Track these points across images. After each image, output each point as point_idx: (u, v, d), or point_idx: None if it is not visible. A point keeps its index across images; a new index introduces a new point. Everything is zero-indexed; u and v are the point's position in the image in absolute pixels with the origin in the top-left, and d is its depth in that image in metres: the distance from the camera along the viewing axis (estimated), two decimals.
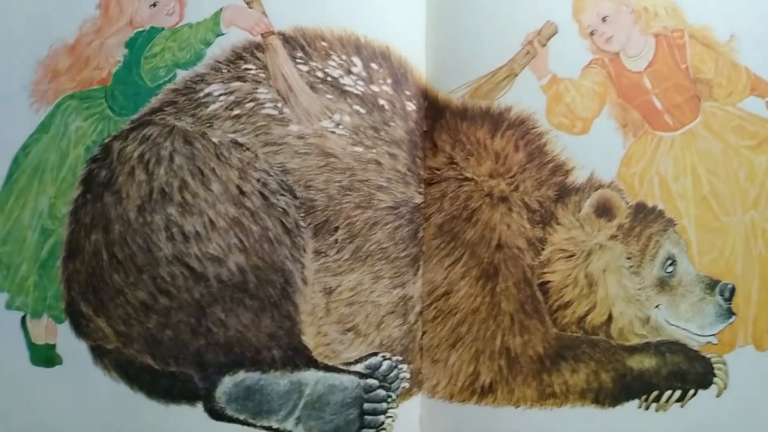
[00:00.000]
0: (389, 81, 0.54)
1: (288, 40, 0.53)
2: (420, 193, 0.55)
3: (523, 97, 0.54)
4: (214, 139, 0.53)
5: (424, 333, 0.55)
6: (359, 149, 0.53)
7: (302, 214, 0.52)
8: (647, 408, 0.54)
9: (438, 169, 0.55)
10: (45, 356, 0.54)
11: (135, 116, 0.53)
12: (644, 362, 0.55)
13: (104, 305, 0.53)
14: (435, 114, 0.55)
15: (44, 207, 0.54)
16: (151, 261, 0.52)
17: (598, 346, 0.54)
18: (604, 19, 0.54)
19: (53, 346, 0.54)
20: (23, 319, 0.54)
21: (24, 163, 0.54)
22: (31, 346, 0.54)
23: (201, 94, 0.53)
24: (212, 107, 0.53)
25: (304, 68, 0.53)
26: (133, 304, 0.53)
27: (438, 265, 0.55)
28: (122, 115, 0.53)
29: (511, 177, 0.54)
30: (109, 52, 0.54)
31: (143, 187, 0.52)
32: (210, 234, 0.52)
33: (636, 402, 0.54)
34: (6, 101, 0.54)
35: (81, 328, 0.54)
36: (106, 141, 0.54)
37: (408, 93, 0.54)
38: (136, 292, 0.53)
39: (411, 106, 0.54)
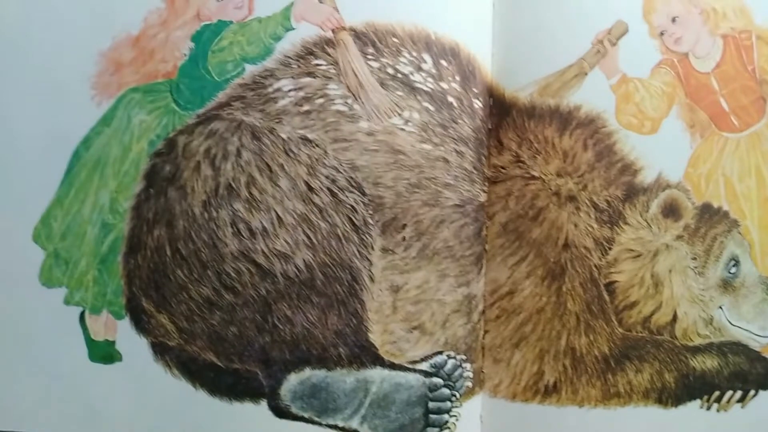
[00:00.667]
0: (458, 78, 0.53)
1: (359, 36, 0.52)
2: (484, 191, 0.54)
3: (592, 96, 0.53)
4: (283, 135, 0.52)
5: (486, 332, 0.55)
6: (427, 147, 0.53)
7: (370, 212, 0.52)
8: (708, 408, 0.54)
9: (503, 168, 0.55)
10: (104, 353, 0.53)
11: (201, 111, 0.53)
12: (706, 363, 0.55)
13: (166, 301, 0.52)
14: (501, 112, 0.54)
15: (105, 201, 0.53)
16: (217, 257, 0.52)
17: (662, 346, 0.54)
18: (673, 20, 0.54)
19: (113, 343, 0.53)
20: (82, 315, 0.54)
21: (85, 156, 0.53)
22: (90, 343, 0.54)
23: (270, 90, 0.52)
24: (281, 103, 0.52)
25: (375, 64, 0.52)
26: (196, 301, 0.52)
27: (502, 264, 0.54)
28: (188, 110, 0.53)
29: (579, 176, 0.54)
30: (175, 45, 0.53)
31: (209, 183, 0.52)
32: (277, 230, 0.51)
33: (698, 402, 0.54)
34: (67, 94, 0.53)
35: (142, 325, 0.53)
36: (170, 135, 0.53)
37: (475, 90, 0.54)
38: (201, 288, 0.52)
39: (478, 104, 0.54)
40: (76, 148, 0.53)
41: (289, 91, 0.52)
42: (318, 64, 0.52)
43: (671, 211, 0.54)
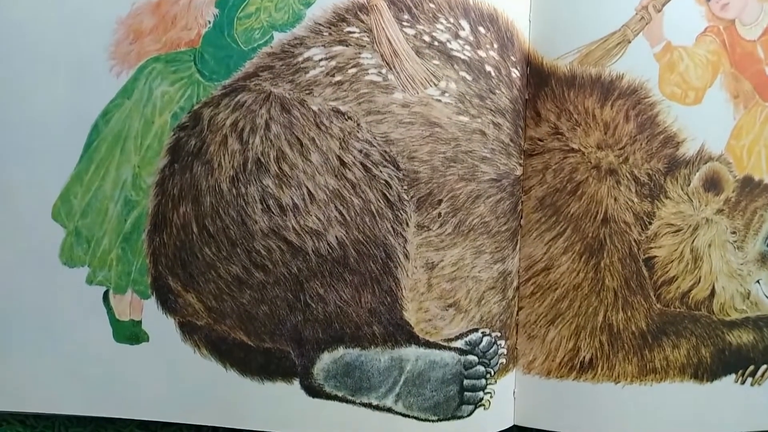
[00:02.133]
0: (496, 46, 0.51)
1: (394, 2, 0.50)
2: (520, 164, 0.53)
3: (635, 65, 0.51)
4: (314, 107, 0.50)
5: (520, 309, 0.54)
6: (464, 118, 0.51)
7: (405, 187, 0.50)
8: (743, 382, 0.54)
9: (540, 140, 0.53)
10: (130, 333, 0.52)
11: (227, 81, 0.50)
12: (742, 337, 0.54)
13: (194, 280, 0.51)
14: (538, 81, 0.53)
15: (127, 177, 0.51)
16: (246, 234, 0.50)
17: (699, 321, 0.54)
18: None
19: (139, 323, 0.52)
20: (106, 295, 0.52)
21: (104, 130, 0.51)
22: (115, 323, 0.52)
23: (300, 59, 0.50)
24: (312, 73, 0.50)
25: (411, 32, 0.50)
26: (225, 279, 0.51)
27: (538, 239, 0.53)
28: (213, 80, 0.50)
29: (620, 149, 0.52)
30: (198, 12, 0.50)
31: (237, 157, 0.50)
32: (309, 207, 0.50)
33: (732, 377, 0.54)
34: (84, 64, 0.51)
35: (168, 304, 0.52)
36: (195, 107, 0.51)
37: (513, 59, 0.52)
38: (230, 266, 0.50)
39: (516, 73, 0.52)
40: (95, 121, 0.51)
41: (320, 60, 0.50)
42: (350, 32, 0.50)
43: (713, 184, 0.53)
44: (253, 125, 0.50)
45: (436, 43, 0.50)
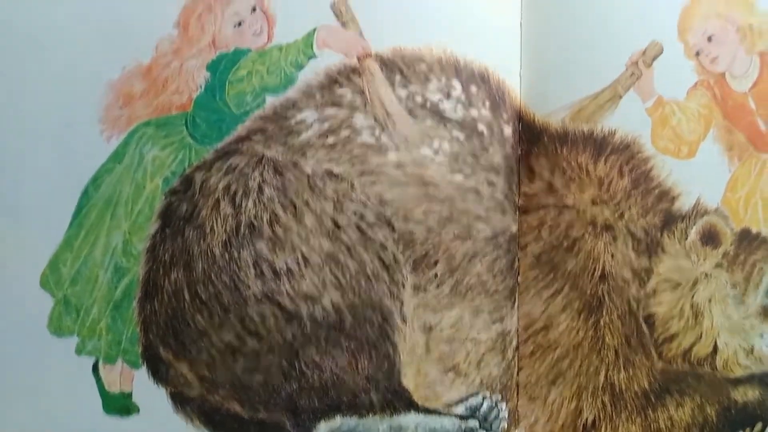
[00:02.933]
0: (487, 104, 0.51)
1: (386, 63, 0.50)
2: (515, 221, 0.52)
3: (627, 120, 0.51)
4: (307, 169, 0.49)
5: (520, 369, 0.53)
6: (459, 177, 0.50)
7: (401, 248, 0.50)
8: None
9: (535, 196, 0.53)
10: (120, 405, 0.50)
11: (219, 145, 0.50)
12: (748, 394, 0.53)
13: (186, 348, 0.50)
14: (531, 137, 0.52)
15: (118, 243, 0.50)
16: (239, 300, 0.49)
17: (703, 378, 0.52)
18: (709, 39, 0.52)
19: (129, 394, 0.50)
20: (95, 365, 0.51)
21: (95, 196, 0.50)
22: (105, 394, 0.51)
23: (292, 122, 0.50)
24: (305, 135, 0.50)
25: (403, 93, 0.50)
26: (218, 347, 0.49)
27: (536, 297, 0.52)
28: (205, 144, 0.50)
29: (615, 204, 0.52)
30: (190, 75, 0.50)
31: (229, 221, 0.49)
32: (303, 270, 0.49)
33: None
34: (73, 129, 0.50)
35: (160, 374, 0.50)
36: (186, 172, 0.50)
37: (505, 116, 0.52)
38: (222, 333, 0.49)
39: (508, 130, 0.52)
40: (85, 187, 0.50)
41: (313, 122, 0.50)
42: (343, 94, 0.50)
43: (710, 238, 0.52)
44: (246, 188, 0.49)
45: (428, 104, 0.50)
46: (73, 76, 0.50)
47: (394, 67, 0.50)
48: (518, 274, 0.52)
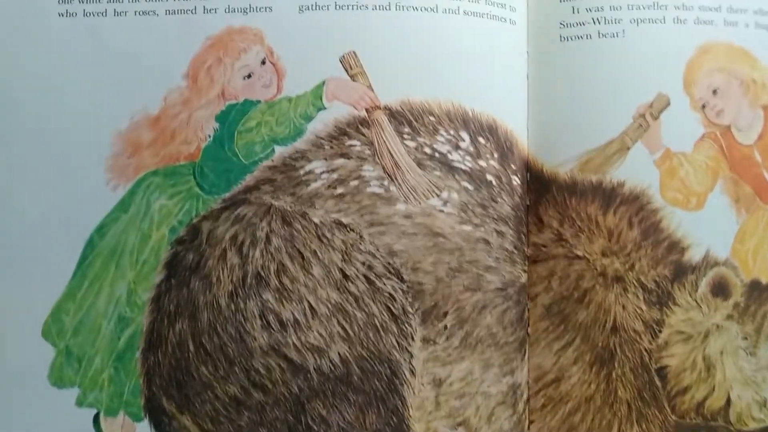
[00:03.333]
0: (496, 155, 0.51)
1: (394, 115, 0.50)
2: (525, 271, 0.52)
3: (636, 172, 0.51)
4: (316, 220, 0.49)
5: (531, 423, 0.51)
6: (468, 228, 0.50)
7: (410, 299, 0.49)
8: None
9: (544, 246, 0.52)
10: None
11: (227, 195, 0.49)
12: None
13: (190, 401, 0.48)
14: (539, 187, 0.52)
15: (122, 293, 0.49)
16: (244, 352, 0.48)
17: None
18: (714, 92, 0.52)
19: None
20: (96, 418, 0.49)
21: (100, 245, 0.50)
22: None
23: (301, 172, 0.49)
24: (313, 186, 0.49)
25: (412, 144, 0.50)
26: (222, 400, 0.48)
27: (546, 349, 0.52)
28: (213, 194, 0.50)
29: (625, 255, 0.51)
30: (198, 126, 0.50)
31: (236, 272, 0.48)
32: (310, 322, 0.48)
33: None
34: (80, 177, 0.50)
35: (162, 427, 0.49)
36: (194, 221, 0.50)
37: (513, 167, 0.51)
38: (227, 386, 0.48)
39: (516, 181, 0.52)
40: (90, 236, 0.50)
41: (322, 173, 0.49)
42: (352, 145, 0.50)
43: (720, 289, 0.52)
44: (254, 238, 0.49)
45: (437, 155, 0.50)
46: (81, 125, 0.50)
47: (403, 119, 0.50)
48: (528, 325, 0.52)
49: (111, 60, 0.50)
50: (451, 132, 0.50)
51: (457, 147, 0.50)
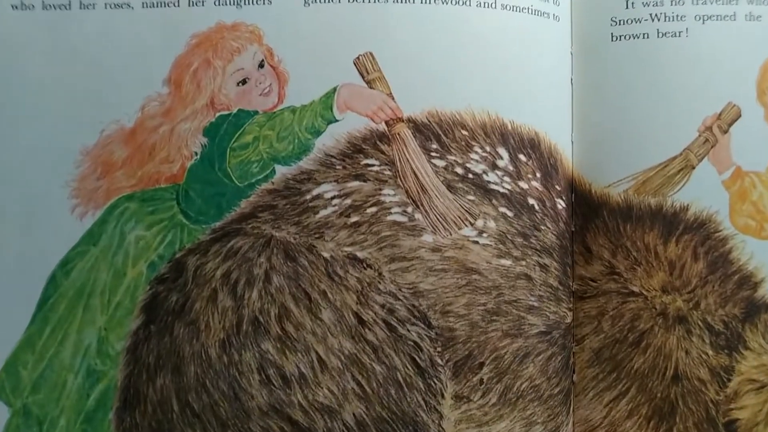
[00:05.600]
0: (538, 175, 0.45)
1: (420, 129, 0.44)
2: (570, 309, 0.45)
3: (701, 194, 0.46)
4: (325, 254, 0.44)
5: None
6: (507, 262, 0.44)
7: (439, 349, 0.43)
8: None
9: (593, 280, 0.46)
10: None
11: (218, 224, 0.45)
12: None
13: None
14: (587, 212, 0.47)
15: (91, 342, 0.45)
16: (240, 413, 0.43)
17: None
18: None
19: None
20: None
21: (64, 284, 0.45)
22: None
23: (308, 197, 0.44)
24: (323, 213, 0.44)
25: (440, 163, 0.44)
26: None
27: (595, 400, 0.46)
28: (200, 223, 0.45)
29: (689, 292, 0.46)
30: (182, 141, 0.45)
31: (229, 316, 0.44)
32: (319, 377, 0.43)
33: None
34: (39, 203, 0.44)
35: None
36: (177, 256, 0.45)
37: (558, 188, 0.45)
38: None
39: (561, 204, 0.45)
40: (52, 273, 0.45)
41: (333, 198, 0.44)
42: (369, 165, 0.44)
43: None
44: (250, 276, 0.44)
45: (470, 176, 0.44)
46: (41, 140, 0.45)
47: (430, 133, 0.44)
48: (574, 372, 0.46)
49: (76, 62, 0.45)
50: (487, 148, 0.45)
51: (494, 166, 0.45)
